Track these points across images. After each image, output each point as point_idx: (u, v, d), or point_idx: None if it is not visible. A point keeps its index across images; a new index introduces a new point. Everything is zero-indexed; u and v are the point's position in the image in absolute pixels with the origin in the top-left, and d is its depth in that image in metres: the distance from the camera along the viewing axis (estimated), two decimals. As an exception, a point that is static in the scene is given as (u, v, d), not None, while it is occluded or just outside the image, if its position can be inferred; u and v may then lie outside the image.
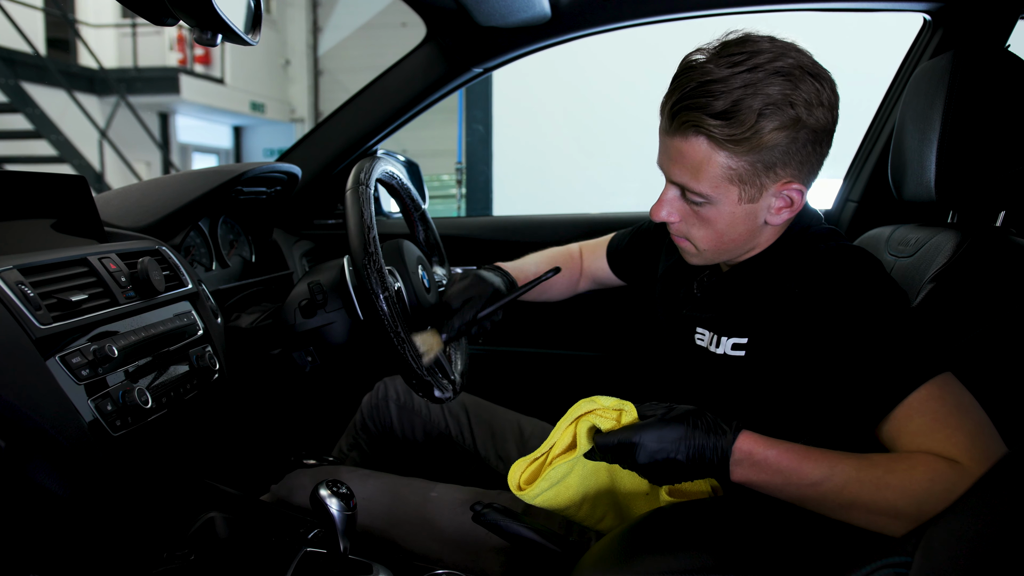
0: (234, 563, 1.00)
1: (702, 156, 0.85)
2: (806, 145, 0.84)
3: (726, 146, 0.83)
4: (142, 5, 0.82)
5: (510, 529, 0.93)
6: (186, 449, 1.08)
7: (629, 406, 0.85)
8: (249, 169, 1.31)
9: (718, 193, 0.87)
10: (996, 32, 1.38)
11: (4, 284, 0.77)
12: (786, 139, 0.82)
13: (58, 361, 0.80)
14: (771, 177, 0.86)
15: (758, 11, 1.44)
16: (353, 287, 1.15)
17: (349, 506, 0.92)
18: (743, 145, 0.82)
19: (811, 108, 0.82)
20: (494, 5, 1.31)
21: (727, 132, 0.82)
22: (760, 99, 0.80)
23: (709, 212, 0.89)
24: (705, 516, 0.84)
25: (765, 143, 0.82)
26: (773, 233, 0.95)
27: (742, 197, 0.87)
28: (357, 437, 1.47)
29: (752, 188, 0.86)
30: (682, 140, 0.86)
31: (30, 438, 0.75)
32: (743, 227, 0.90)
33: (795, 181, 0.87)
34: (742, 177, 0.85)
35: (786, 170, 0.85)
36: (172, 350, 1.00)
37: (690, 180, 0.87)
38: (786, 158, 0.84)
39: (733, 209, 0.88)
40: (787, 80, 0.81)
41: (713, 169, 0.85)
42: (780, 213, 0.90)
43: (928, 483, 0.70)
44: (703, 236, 0.92)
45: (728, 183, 0.86)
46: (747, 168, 0.84)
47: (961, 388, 0.77)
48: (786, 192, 0.87)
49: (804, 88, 0.82)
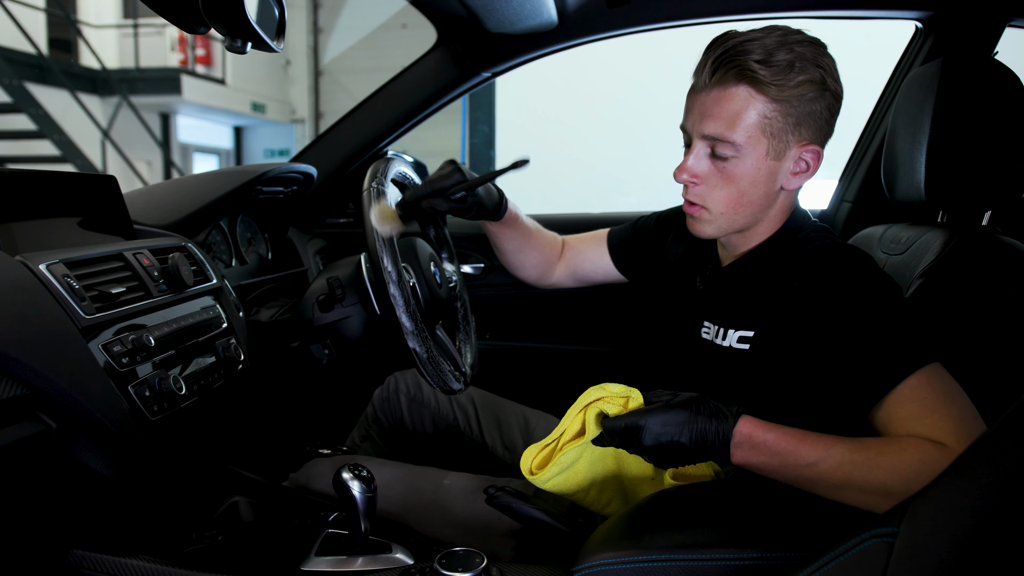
0: (259, 544, 1.05)
1: (741, 104, 0.91)
2: (826, 111, 0.93)
3: (767, 90, 0.89)
4: (176, 14, 0.86)
5: (522, 511, 0.97)
6: (212, 435, 1.13)
7: (636, 393, 0.90)
8: (269, 169, 1.36)
9: (750, 144, 0.92)
10: (984, 39, 1.44)
11: (52, 277, 0.83)
12: (813, 96, 0.90)
13: (100, 349, 0.85)
14: (795, 136, 0.93)
15: (759, 19, 1.50)
16: (370, 282, 1.20)
17: (370, 488, 0.98)
18: (781, 90, 0.89)
19: (833, 75, 0.92)
20: (504, 12, 1.36)
21: (770, 74, 0.88)
22: (794, 55, 0.89)
23: (735, 168, 0.94)
24: (708, 497, 0.89)
25: (797, 93, 0.90)
26: (781, 213, 1.00)
27: (769, 152, 0.93)
28: (369, 429, 1.52)
29: (779, 143, 0.92)
30: (721, 91, 0.91)
31: (78, 421, 0.80)
32: (763, 188, 0.95)
33: (814, 143, 0.94)
34: (773, 130, 0.91)
35: (808, 131, 0.93)
36: (200, 341, 1.05)
37: (725, 130, 0.92)
38: (810, 119, 0.92)
39: (759, 164, 0.94)
40: (814, 47, 0.91)
41: (750, 117, 0.91)
42: (797, 177, 0.96)
43: (918, 464, 0.75)
44: (722, 197, 0.96)
45: (760, 134, 0.92)
46: (779, 120, 0.91)
47: (948, 377, 0.82)
48: (805, 154, 0.94)
49: (827, 58, 0.91)
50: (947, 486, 0.63)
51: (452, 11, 1.39)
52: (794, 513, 0.83)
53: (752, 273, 1.01)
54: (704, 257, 1.12)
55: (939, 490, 0.63)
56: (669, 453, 0.85)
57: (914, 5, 1.46)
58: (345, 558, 0.99)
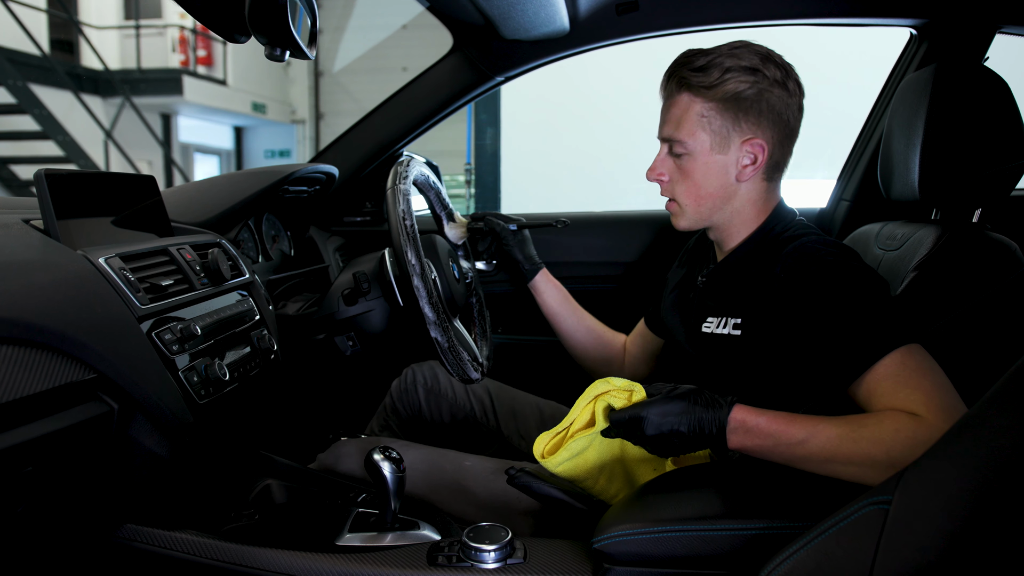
0: (294, 523, 1.11)
1: (684, 107, 1.07)
2: (769, 109, 1.04)
3: (700, 92, 1.05)
4: (220, 23, 0.92)
5: (541, 490, 1.03)
6: (248, 421, 1.19)
7: (638, 387, 0.96)
8: (296, 169, 1.43)
9: (694, 141, 1.07)
10: (976, 45, 1.51)
11: (111, 269, 0.89)
12: (751, 94, 1.03)
13: (154, 337, 0.91)
14: (737, 130, 1.05)
15: (760, 26, 1.56)
16: (394, 276, 1.27)
17: (400, 469, 1.04)
18: (712, 91, 1.04)
19: (772, 84, 1.03)
20: (518, 20, 1.43)
21: (699, 80, 1.04)
22: (732, 62, 1.03)
23: (688, 163, 1.09)
24: (714, 475, 0.95)
25: (728, 91, 1.03)
26: (751, 205, 1.10)
27: (713, 146, 1.07)
28: (388, 419, 1.58)
29: (720, 138, 1.06)
30: (671, 100, 1.10)
31: (136, 403, 0.87)
32: (716, 181, 1.08)
33: (758, 138, 1.05)
34: (712, 126, 1.06)
35: (750, 127, 1.05)
36: (237, 332, 1.12)
37: (674, 131, 1.09)
38: (748, 115, 1.04)
39: (707, 159, 1.07)
40: (759, 57, 1.04)
41: (691, 117, 1.06)
42: (747, 170, 1.07)
43: (893, 432, 0.82)
44: (683, 190, 1.11)
45: (701, 130, 1.06)
46: (717, 118, 1.05)
47: (925, 355, 0.89)
48: (749, 148, 1.06)
49: (770, 69, 1.03)
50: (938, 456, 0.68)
51: (469, 19, 1.46)
52: (794, 488, 0.88)
53: (742, 265, 1.10)
54: (704, 260, 1.23)
55: (931, 460, 0.68)
56: (670, 442, 0.91)
57: (909, 13, 1.53)
58: (376, 534, 1.06)
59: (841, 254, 0.98)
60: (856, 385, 0.91)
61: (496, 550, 0.89)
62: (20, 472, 0.73)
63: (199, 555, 0.94)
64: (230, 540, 0.96)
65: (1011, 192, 1.20)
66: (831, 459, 0.85)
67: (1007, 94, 1.16)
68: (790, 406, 0.92)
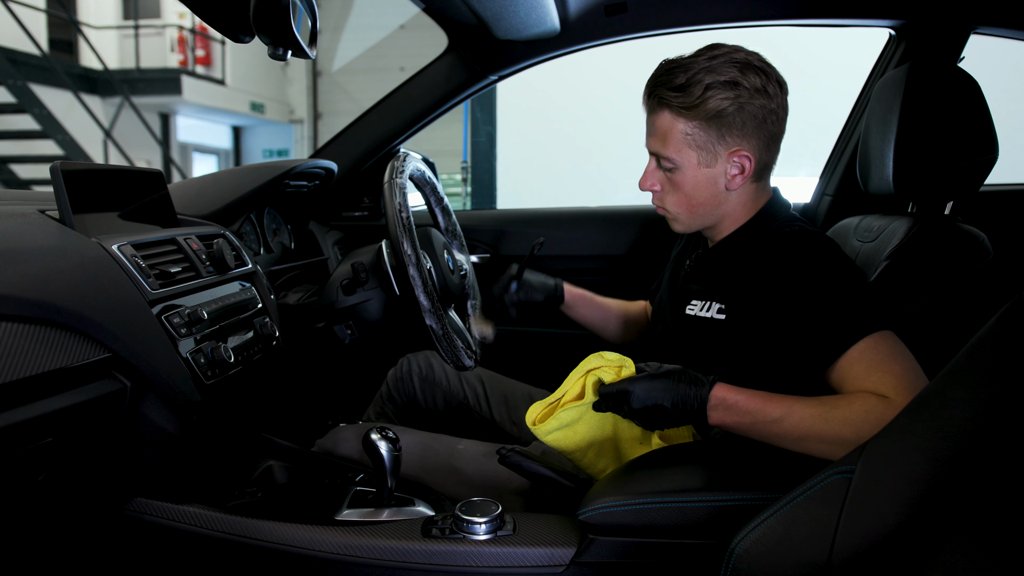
0: (295, 500, 1.17)
1: (667, 125, 1.08)
2: (750, 122, 1.06)
3: (682, 113, 1.06)
4: (224, 24, 0.96)
5: (531, 468, 1.07)
6: (251, 404, 1.25)
7: (628, 362, 1.02)
8: (297, 164, 1.48)
9: (681, 157, 1.09)
10: (951, 45, 1.56)
11: (123, 256, 0.94)
12: (732, 110, 1.04)
13: (164, 320, 0.97)
14: (723, 144, 1.07)
15: (745, 27, 1.62)
16: (391, 266, 1.32)
17: (396, 448, 1.09)
18: (694, 111, 1.05)
19: (753, 95, 1.04)
20: (511, 21, 1.48)
21: (681, 100, 1.05)
22: (711, 77, 1.04)
23: (678, 177, 1.11)
24: (695, 453, 1.01)
25: (711, 109, 1.04)
26: (741, 207, 1.13)
27: (700, 162, 1.09)
28: (384, 407, 1.63)
29: (707, 153, 1.08)
30: (653, 115, 1.10)
31: (148, 382, 0.92)
32: (706, 192, 1.11)
33: (744, 150, 1.07)
34: (698, 143, 1.07)
35: (735, 139, 1.06)
36: (241, 318, 1.17)
37: (661, 148, 1.10)
38: (731, 129, 1.06)
39: (695, 173, 1.10)
40: (737, 68, 1.04)
41: (676, 136, 1.08)
42: (736, 179, 1.09)
43: (863, 413, 0.88)
44: (675, 201, 1.14)
45: (688, 148, 1.08)
46: (701, 135, 1.06)
47: (896, 341, 0.95)
48: (736, 159, 1.08)
49: (750, 77, 1.04)
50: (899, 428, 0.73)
51: (463, 19, 1.51)
52: (769, 464, 0.94)
53: (730, 253, 1.14)
54: (696, 244, 1.27)
55: (892, 431, 0.73)
56: (653, 415, 0.97)
57: (887, 14, 1.59)
58: (373, 510, 1.11)
59: (821, 245, 1.04)
60: (831, 369, 0.96)
61: (487, 522, 0.94)
62: (41, 442, 0.78)
63: (205, 527, 0.99)
64: (236, 513, 1.01)
65: (981, 186, 1.25)
66: (805, 437, 0.90)
67: (977, 93, 1.21)
68: (768, 388, 0.97)
